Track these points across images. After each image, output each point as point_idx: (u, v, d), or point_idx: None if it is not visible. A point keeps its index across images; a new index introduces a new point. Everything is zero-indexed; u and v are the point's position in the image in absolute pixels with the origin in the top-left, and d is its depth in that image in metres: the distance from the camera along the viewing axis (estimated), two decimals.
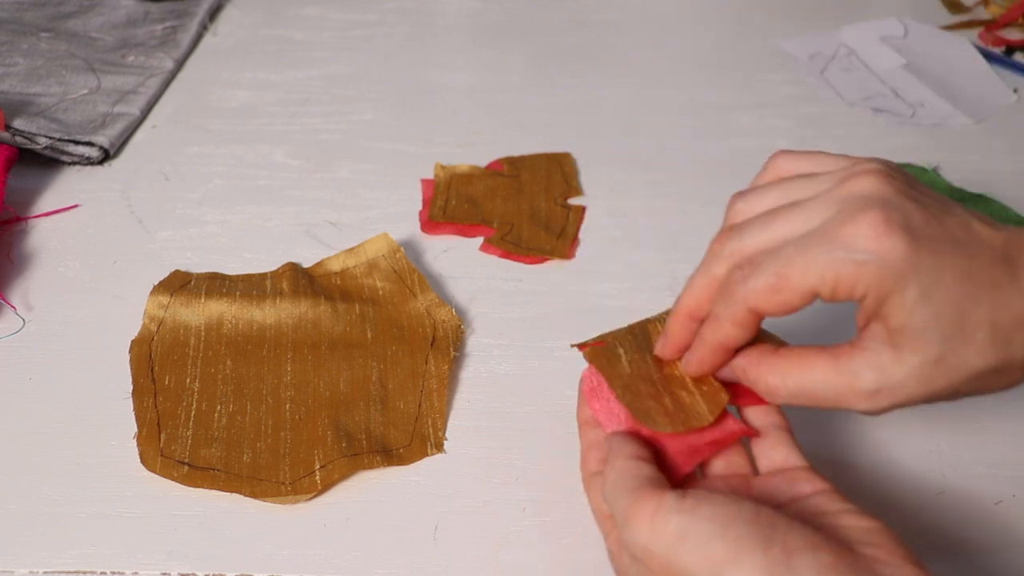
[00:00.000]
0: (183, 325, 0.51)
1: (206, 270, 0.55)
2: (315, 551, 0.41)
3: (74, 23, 0.80)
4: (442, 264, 0.57)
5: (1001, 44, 0.81)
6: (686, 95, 0.75)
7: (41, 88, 0.71)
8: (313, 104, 0.73)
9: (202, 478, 0.44)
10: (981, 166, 0.67)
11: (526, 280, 0.56)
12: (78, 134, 0.65)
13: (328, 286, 0.54)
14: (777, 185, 0.38)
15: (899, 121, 0.71)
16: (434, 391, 0.48)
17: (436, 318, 0.52)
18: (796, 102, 0.74)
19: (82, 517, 0.42)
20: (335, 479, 0.44)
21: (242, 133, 0.69)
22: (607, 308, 0.54)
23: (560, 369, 0.50)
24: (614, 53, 0.81)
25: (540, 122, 0.71)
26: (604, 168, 0.66)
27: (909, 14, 0.85)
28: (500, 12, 0.87)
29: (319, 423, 0.46)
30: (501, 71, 0.78)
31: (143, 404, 0.47)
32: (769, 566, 0.31)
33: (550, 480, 0.44)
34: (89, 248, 0.58)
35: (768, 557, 0.31)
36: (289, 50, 0.80)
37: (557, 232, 0.59)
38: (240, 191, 0.63)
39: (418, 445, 0.46)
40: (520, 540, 0.42)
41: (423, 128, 0.70)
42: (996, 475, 0.45)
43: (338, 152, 0.67)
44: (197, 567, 0.41)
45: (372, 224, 0.60)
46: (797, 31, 0.84)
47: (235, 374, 0.49)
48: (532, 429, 0.47)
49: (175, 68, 0.76)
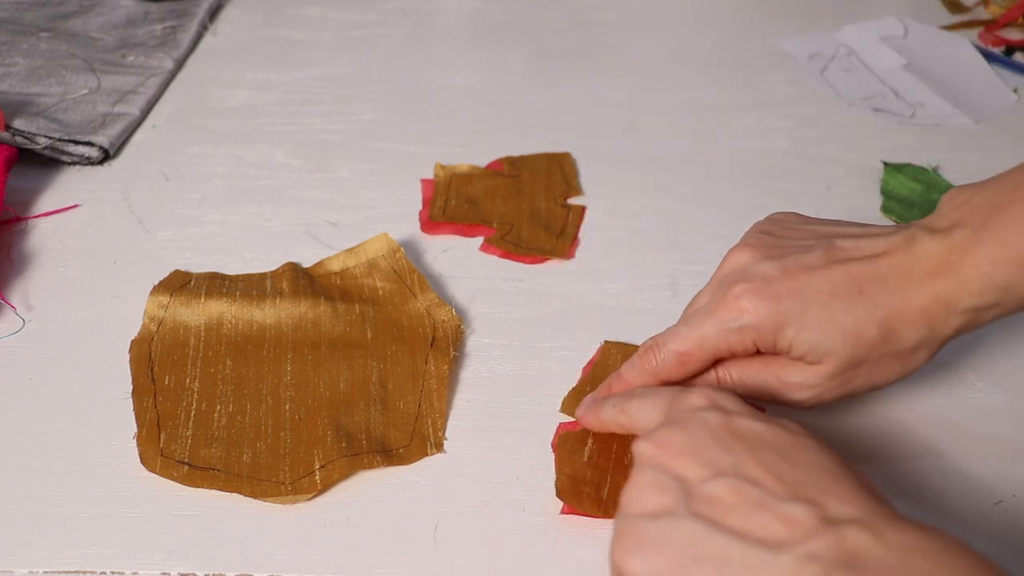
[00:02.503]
0: (183, 325, 0.51)
1: (206, 270, 0.55)
2: (315, 551, 0.41)
3: (74, 23, 0.80)
4: (442, 264, 0.57)
5: (1001, 44, 0.81)
6: (686, 95, 0.75)
7: (41, 88, 0.71)
8: (313, 104, 0.73)
9: (202, 478, 0.44)
10: (981, 166, 0.67)
11: (526, 280, 0.56)
12: (78, 134, 0.65)
13: (328, 286, 0.54)
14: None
15: (899, 121, 0.71)
16: (434, 391, 0.48)
17: (436, 318, 0.52)
18: (796, 102, 0.74)
19: (82, 517, 0.42)
20: (335, 479, 0.44)
21: (242, 133, 0.69)
22: (607, 308, 0.54)
23: (560, 369, 0.50)
24: (614, 53, 0.81)
25: (540, 122, 0.71)
26: (604, 168, 0.66)
27: (909, 14, 0.85)
28: (500, 12, 0.87)
29: (319, 423, 0.46)
30: (501, 71, 0.78)
31: (143, 404, 0.47)
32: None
33: (550, 480, 0.44)
34: (89, 248, 0.58)
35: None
36: (289, 50, 0.80)
37: (557, 232, 0.59)
38: (240, 191, 0.63)
39: (418, 445, 0.46)
40: (520, 540, 0.42)
41: (423, 128, 0.70)
42: (996, 475, 0.45)
43: (338, 152, 0.67)
44: (197, 567, 0.41)
45: (372, 224, 0.60)
46: (797, 31, 0.84)
47: (235, 374, 0.49)
48: (532, 429, 0.47)
49: (175, 68, 0.76)
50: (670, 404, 0.39)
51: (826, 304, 0.41)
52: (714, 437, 0.36)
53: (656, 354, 0.43)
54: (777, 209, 0.48)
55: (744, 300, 0.41)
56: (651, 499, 0.35)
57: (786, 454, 0.35)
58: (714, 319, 0.42)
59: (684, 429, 0.37)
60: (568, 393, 0.48)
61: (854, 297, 0.41)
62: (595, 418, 0.44)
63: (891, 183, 0.64)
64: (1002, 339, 0.52)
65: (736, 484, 0.34)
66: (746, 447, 0.35)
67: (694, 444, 0.36)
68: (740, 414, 0.37)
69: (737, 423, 0.37)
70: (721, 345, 0.42)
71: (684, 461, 0.35)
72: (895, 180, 0.64)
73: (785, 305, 0.41)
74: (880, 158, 0.67)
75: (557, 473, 0.44)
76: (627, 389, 0.44)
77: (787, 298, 0.41)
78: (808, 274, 0.42)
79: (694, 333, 0.42)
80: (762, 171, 0.66)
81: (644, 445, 0.37)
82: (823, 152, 0.68)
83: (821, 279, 0.41)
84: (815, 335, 0.41)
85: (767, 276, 0.42)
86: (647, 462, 0.36)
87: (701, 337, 0.42)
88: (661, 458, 0.36)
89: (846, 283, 0.41)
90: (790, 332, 0.41)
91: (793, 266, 0.42)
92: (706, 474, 0.35)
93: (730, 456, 0.35)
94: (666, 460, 0.36)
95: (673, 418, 0.38)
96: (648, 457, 0.36)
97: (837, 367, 0.42)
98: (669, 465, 0.36)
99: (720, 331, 0.42)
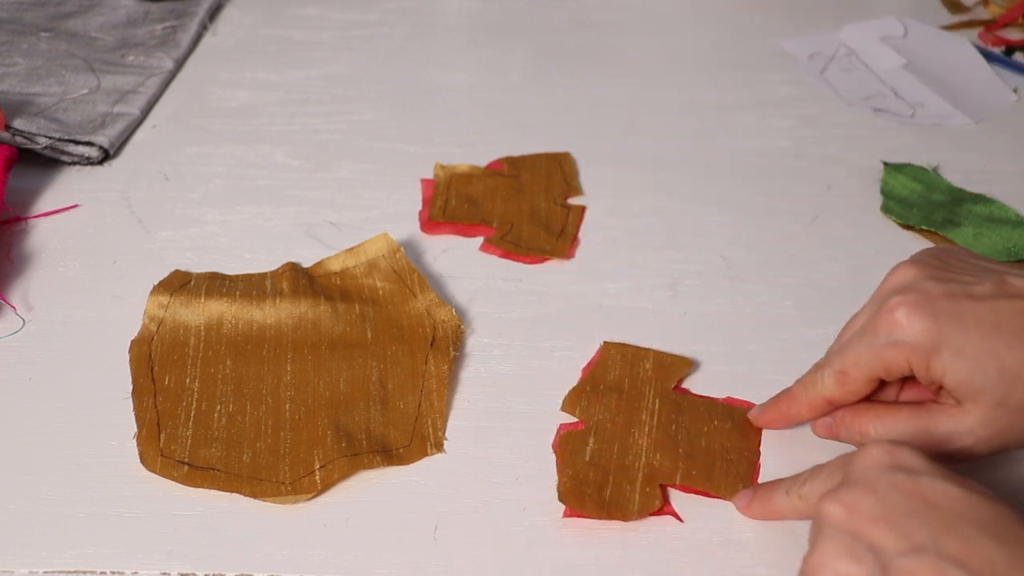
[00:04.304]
0: (183, 325, 0.51)
1: (206, 270, 0.55)
2: (315, 551, 0.41)
3: (74, 23, 0.80)
4: (442, 264, 0.57)
5: (1001, 44, 0.81)
6: (686, 95, 0.75)
7: (41, 88, 0.71)
8: (313, 104, 0.73)
9: (202, 478, 0.44)
10: (981, 166, 0.67)
11: (526, 280, 0.56)
12: (78, 134, 0.65)
13: (328, 286, 0.54)
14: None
15: (899, 121, 0.72)
16: (434, 391, 0.48)
17: (436, 318, 0.52)
18: (796, 102, 0.74)
19: (82, 517, 0.42)
20: (335, 479, 0.44)
21: (242, 133, 0.69)
22: (607, 308, 0.54)
23: (560, 369, 0.50)
24: (614, 53, 0.81)
25: (540, 122, 0.71)
26: (604, 168, 0.66)
27: (909, 14, 0.85)
28: (500, 12, 0.87)
29: (319, 423, 0.46)
30: (501, 71, 0.78)
31: (143, 404, 0.47)
32: None
33: (550, 480, 0.44)
34: (89, 248, 0.58)
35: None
36: (289, 50, 0.80)
37: (557, 232, 0.59)
38: (240, 191, 0.63)
39: (418, 445, 0.46)
40: (520, 540, 0.42)
41: (423, 128, 0.70)
42: (996, 475, 0.45)
43: (338, 152, 0.67)
44: (197, 567, 0.41)
45: (372, 224, 0.60)
46: (797, 31, 0.84)
47: (235, 374, 0.49)
48: (532, 429, 0.47)
49: (175, 68, 0.76)
50: (847, 465, 0.36)
51: (988, 336, 0.39)
52: (906, 503, 0.33)
53: (819, 375, 0.43)
54: (778, 209, 0.48)
55: (899, 313, 0.40)
56: (844, 568, 0.33)
57: (988, 528, 0.32)
58: (870, 334, 0.41)
59: (872, 491, 0.34)
60: (568, 393, 0.48)
61: (1020, 335, 0.38)
62: (766, 509, 0.41)
63: (891, 183, 0.64)
64: None
65: (937, 564, 0.31)
66: (943, 519, 0.32)
67: (886, 510, 0.33)
68: (929, 474, 0.34)
69: (928, 487, 0.33)
70: (876, 363, 0.40)
71: (878, 529, 0.33)
72: (895, 180, 0.64)
73: (944, 325, 0.39)
74: (880, 158, 0.67)
75: (559, 475, 0.44)
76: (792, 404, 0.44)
77: (946, 319, 0.39)
78: (973, 301, 0.39)
79: (851, 351, 0.41)
80: (762, 171, 0.66)
81: (831, 506, 0.34)
82: (823, 152, 0.68)
83: (986, 309, 0.39)
84: (971, 365, 0.39)
85: (928, 293, 0.40)
86: (837, 526, 0.34)
87: (857, 355, 0.41)
88: (852, 524, 0.33)
89: (1014, 319, 0.39)
90: (945, 355, 0.39)
91: (959, 291, 0.40)
92: (903, 547, 0.32)
93: (927, 529, 0.32)
94: (857, 526, 0.33)
95: (856, 477, 0.35)
96: (838, 521, 0.34)
97: (991, 411, 0.39)
98: (861, 532, 0.33)
99: (875, 347, 0.40)
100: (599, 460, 0.44)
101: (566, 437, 0.46)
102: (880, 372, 0.41)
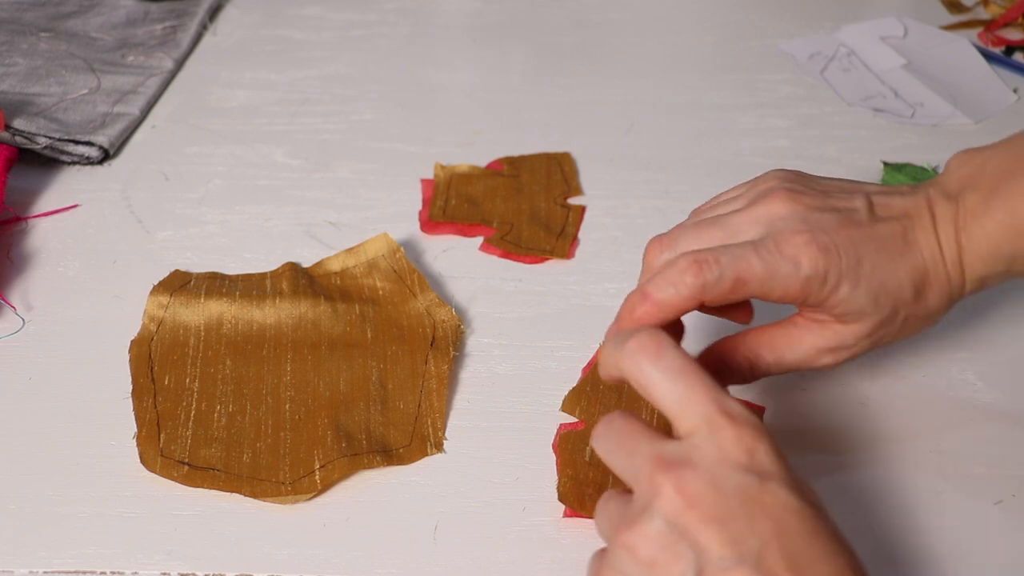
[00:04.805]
0: (183, 325, 0.51)
1: (206, 270, 0.55)
2: (315, 551, 0.41)
3: (74, 23, 0.80)
4: (442, 264, 0.57)
5: (1001, 44, 0.81)
6: (686, 95, 0.75)
7: (41, 88, 0.71)
8: (313, 104, 0.73)
9: (202, 478, 0.44)
10: None
11: (526, 280, 0.56)
12: (78, 134, 0.65)
13: (328, 286, 0.54)
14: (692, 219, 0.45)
15: (899, 121, 0.72)
16: (434, 391, 0.48)
17: (436, 318, 0.52)
18: (796, 102, 0.74)
19: (82, 517, 0.42)
20: (335, 479, 0.44)
21: (242, 133, 0.69)
22: (607, 308, 0.54)
23: (560, 369, 0.50)
24: (614, 53, 0.81)
25: (540, 122, 0.71)
26: (604, 168, 0.66)
27: (909, 14, 0.85)
28: (500, 12, 0.87)
29: (319, 423, 0.46)
30: (501, 71, 0.78)
31: (143, 404, 0.47)
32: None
33: (550, 480, 0.44)
34: (89, 248, 0.58)
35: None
36: (289, 50, 0.80)
37: (557, 232, 0.59)
38: (240, 191, 0.63)
39: (418, 445, 0.46)
40: (520, 540, 0.42)
41: (423, 128, 0.70)
42: (996, 475, 0.45)
43: (338, 152, 0.67)
44: (197, 567, 0.41)
45: (372, 224, 0.60)
46: (797, 31, 0.84)
47: (235, 374, 0.49)
48: (532, 429, 0.47)
49: (175, 68, 0.76)
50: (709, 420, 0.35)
51: (877, 263, 0.41)
52: (745, 509, 0.33)
53: (712, 270, 0.39)
54: None
55: (805, 251, 0.40)
56: (660, 558, 0.33)
57: (809, 542, 0.33)
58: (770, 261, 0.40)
59: (716, 489, 0.33)
60: (568, 393, 0.48)
61: (895, 257, 0.41)
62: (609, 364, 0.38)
63: (891, 183, 0.64)
64: (1002, 339, 0.52)
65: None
66: (775, 530, 0.32)
67: (723, 512, 0.33)
68: (777, 479, 0.34)
69: (771, 495, 0.33)
70: (777, 288, 0.40)
71: (709, 530, 0.32)
72: (895, 180, 0.64)
73: (841, 260, 0.40)
74: (880, 158, 0.67)
75: (559, 475, 0.44)
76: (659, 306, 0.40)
77: (846, 253, 0.40)
78: (859, 229, 0.41)
79: (755, 267, 0.40)
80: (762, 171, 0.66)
81: (670, 490, 0.33)
82: (823, 152, 0.68)
83: (870, 235, 0.41)
84: (863, 293, 0.40)
85: (822, 226, 0.40)
86: (669, 516, 0.33)
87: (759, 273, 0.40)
88: (684, 519, 0.33)
89: (889, 241, 0.41)
90: (844, 289, 0.40)
91: (845, 220, 0.41)
92: (727, 553, 0.32)
93: (756, 540, 0.32)
94: (689, 523, 0.33)
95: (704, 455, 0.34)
96: (672, 511, 0.33)
97: (873, 326, 0.42)
98: (691, 529, 0.33)
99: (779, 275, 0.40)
100: (599, 460, 0.44)
101: (566, 437, 0.46)
102: (772, 296, 0.40)
